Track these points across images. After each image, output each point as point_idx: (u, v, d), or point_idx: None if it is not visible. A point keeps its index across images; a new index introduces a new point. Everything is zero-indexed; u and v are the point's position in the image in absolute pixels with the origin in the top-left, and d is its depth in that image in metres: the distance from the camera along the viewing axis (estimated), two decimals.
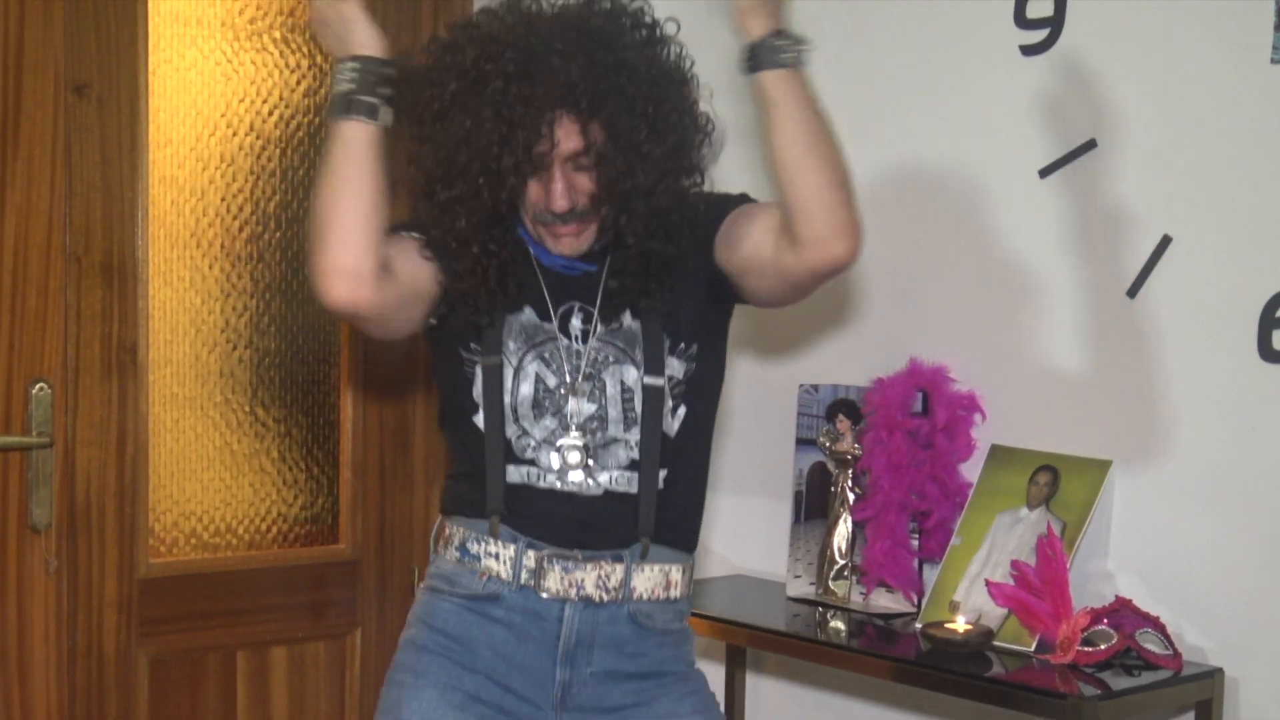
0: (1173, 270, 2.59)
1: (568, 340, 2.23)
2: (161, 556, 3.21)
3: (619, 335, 2.23)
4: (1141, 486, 2.63)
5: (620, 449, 2.22)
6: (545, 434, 2.21)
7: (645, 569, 2.22)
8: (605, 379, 2.22)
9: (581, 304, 2.24)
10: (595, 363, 2.22)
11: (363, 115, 2.11)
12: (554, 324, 2.23)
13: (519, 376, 2.21)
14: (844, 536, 2.92)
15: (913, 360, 2.87)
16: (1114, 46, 2.65)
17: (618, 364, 2.22)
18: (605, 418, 2.21)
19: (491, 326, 2.22)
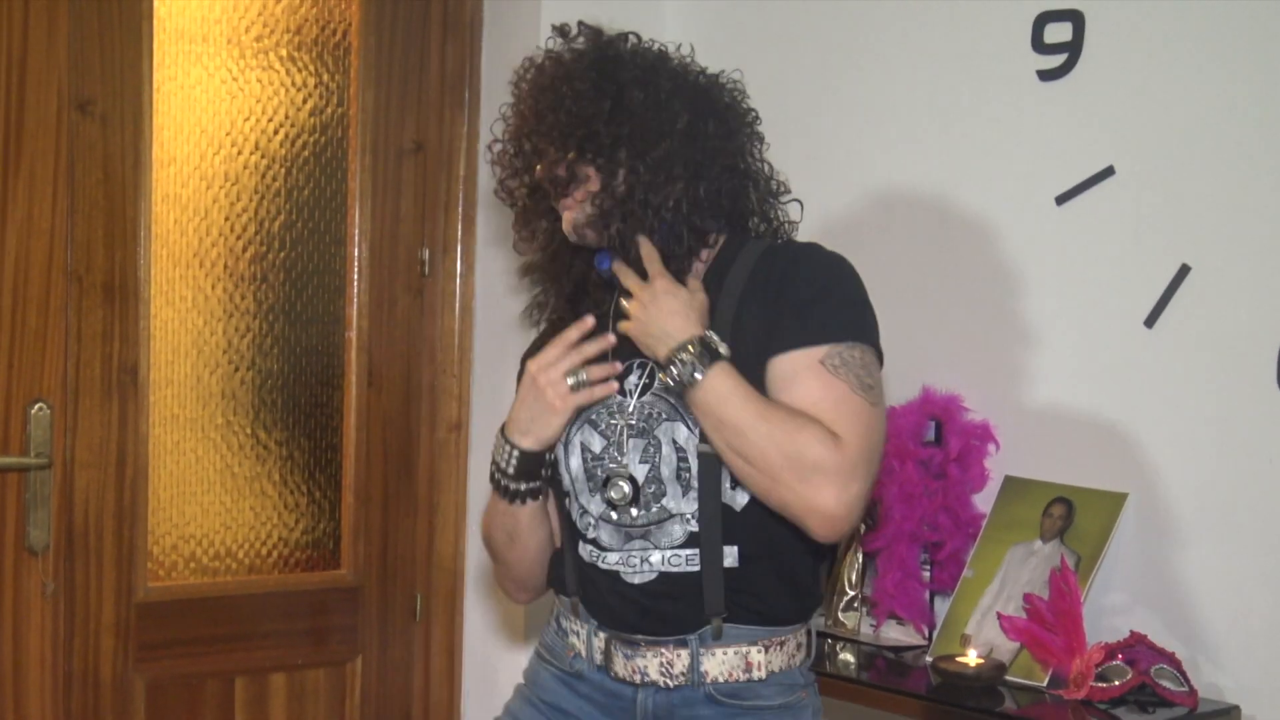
0: (1191, 300, 2.56)
1: (621, 397, 2.14)
2: (160, 580, 3.19)
3: (673, 391, 2.10)
4: (1158, 520, 2.60)
5: (675, 524, 2.10)
6: (601, 510, 2.14)
7: (717, 653, 2.10)
8: (659, 436, 2.12)
9: (641, 359, 2.13)
10: (648, 418, 2.13)
11: (514, 501, 2.20)
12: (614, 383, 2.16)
13: (568, 451, 2.17)
14: (854, 567, 2.89)
15: (925, 389, 2.85)
16: (1132, 72, 2.63)
17: (670, 421, 2.11)
18: (659, 479, 2.11)
19: None
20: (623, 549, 2.13)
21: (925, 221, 2.94)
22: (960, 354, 2.88)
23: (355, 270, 3.37)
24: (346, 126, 3.35)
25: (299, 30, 3.29)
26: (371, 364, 3.38)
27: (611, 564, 2.13)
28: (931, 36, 2.93)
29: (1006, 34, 2.79)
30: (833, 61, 3.12)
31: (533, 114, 2.14)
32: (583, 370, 2.11)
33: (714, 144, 2.13)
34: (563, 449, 2.17)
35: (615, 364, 2.12)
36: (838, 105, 3.11)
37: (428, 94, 3.42)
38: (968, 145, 2.87)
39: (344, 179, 3.36)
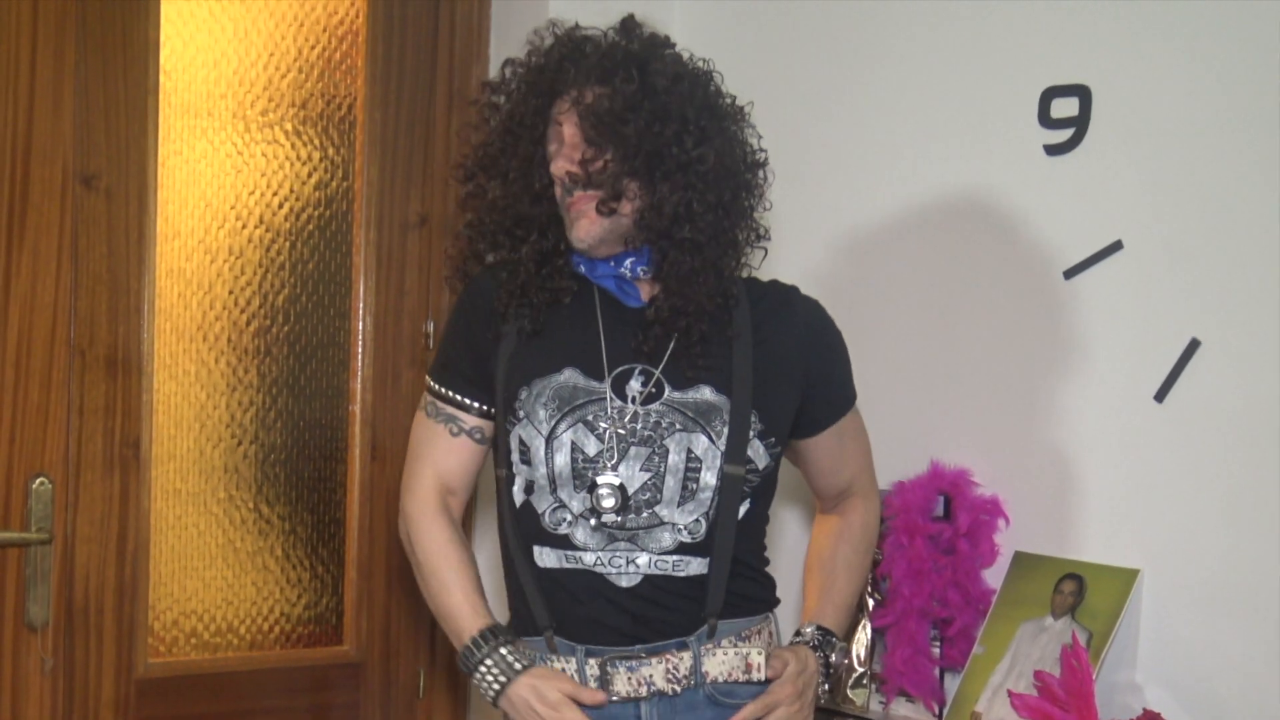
0: (1201, 374, 2.55)
1: (621, 402, 2.17)
2: (161, 656, 3.15)
3: (691, 405, 2.18)
4: (1170, 596, 2.57)
5: (665, 533, 2.18)
6: (582, 509, 2.17)
7: (717, 653, 2.19)
8: (668, 445, 2.16)
9: (645, 367, 2.19)
10: (655, 426, 2.17)
11: None
12: (605, 384, 2.19)
13: (553, 448, 2.17)
14: (863, 643, 2.87)
15: (934, 463, 2.83)
16: (1140, 147, 2.63)
17: (686, 432, 2.18)
18: (660, 487, 2.16)
19: (525, 387, 2.21)
20: (605, 549, 2.16)
21: (933, 295, 2.93)
22: (969, 428, 2.86)
23: (359, 344, 3.36)
24: (351, 200, 3.35)
25: (304, 104, 3.29)
26: (375, 438, 3.36)
27: (589, 564, 2.16)
28: (938, 111, 2.93)
29: (1013, 108, 2.79)
30: (840, 135, 3.12)
31: (592, 97, 2.16)
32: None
33: (743, 179, 2.23)
34: (544, 445, 2.17)
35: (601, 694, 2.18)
36: (845, 178, 3.11)
37: (433, 167, 3.42)
38: (975, 219, 2.86)
39: (349, 253, 3.35)
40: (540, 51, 2.23)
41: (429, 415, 2.34)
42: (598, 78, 2.16)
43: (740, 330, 2.25)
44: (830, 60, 3.15)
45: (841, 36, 3.13)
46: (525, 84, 2.22)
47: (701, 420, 2.18)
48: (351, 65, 3.34)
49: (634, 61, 2.17)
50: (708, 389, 2.21)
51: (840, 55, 3.13)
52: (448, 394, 2.31)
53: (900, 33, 3.01)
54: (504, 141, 2.23)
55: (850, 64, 3.11)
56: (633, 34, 2.23)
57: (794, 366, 2.29)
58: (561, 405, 2.18)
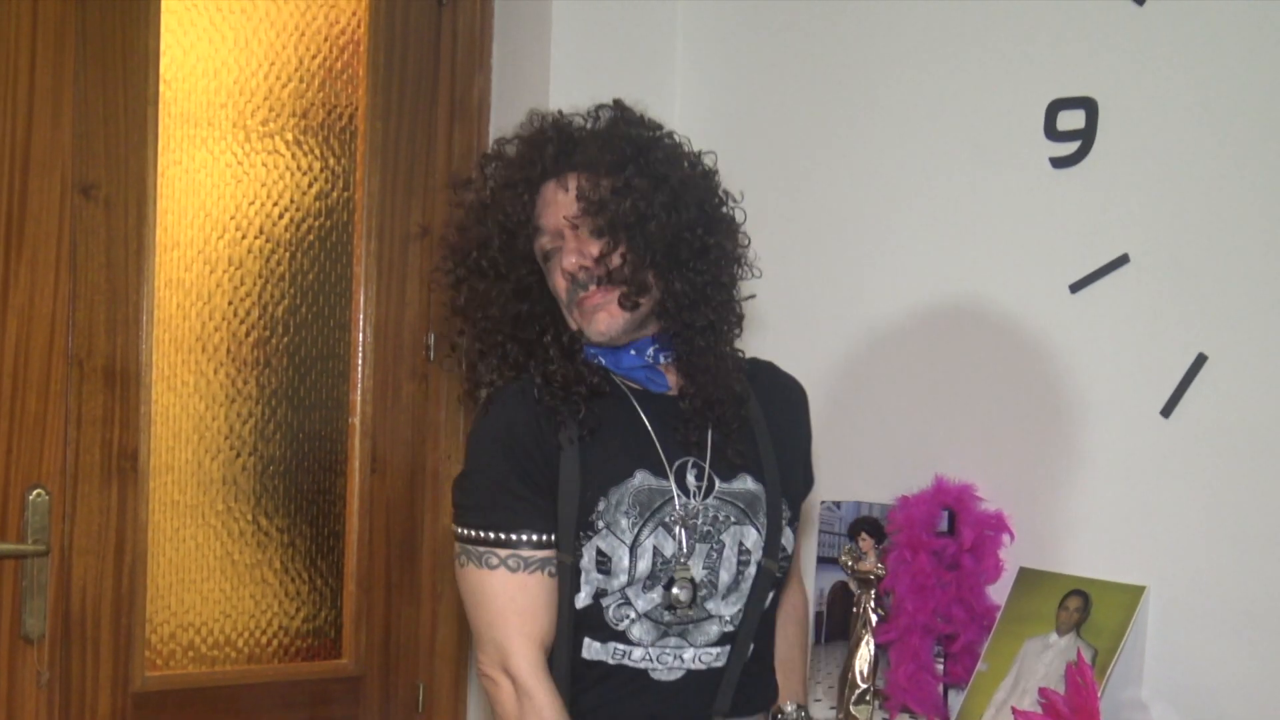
0: (1208, 389, 2.53)
1: (685, 498, 2.16)
2: (158, 669, 3.14)
3: (740, 496, 2.20)
4: (1177, 613, 2.55)
5: (713, 625, 2.18)
6: (649, 607, 2.15)
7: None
8: (725, 539, 2.17)
9: (695, 459, 2.18)
10: (713, 521, 2.17)
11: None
12: (670, 481, 2.17)
13: (635, 554, 2.14)
14: (866, 659, 2.84)
15: (938, 478, 2.81)
16: (1146, 159, 2.61)
17: (739, 525, 2.19)
18: (714, 583, 2.16)
19: (603, 497, 2.16)
20: (655, 645, 2.14)
21: (937, 309, 2.92)
22: (974, 443, 2.84)
23: (359, 355, 3.34)
24: (352, 211, 3.34)
25: (305, 114, 3.28)
26: (375, 450, 3.35)
27: (637, 660, 2.14)
28: (944, 124, 2.92)
29: (1019, 121, 2.78)
30: (843, 148, 3.12)
31: (600, 189, 2.12)
32: None
33: (741, 258, 2.26)
34: (628, 551, 2.13)
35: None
36: (848, 194, 3.10)
37: (434, 178, 3.41)
38: (981, 232, 2.85)
39: (349, 263, 3.34)
40: (527, 141, 2.19)
41: (510, 569, 2.14)
42: (605, 169, 2.11)
43: (756, 415, 2.27)
44: (836, 71, 3.14)
45: (847, 47, 3.13)
46: (514, 177, 2.17)
47: (750, 512, 2.20)
48: (353, 75, 3.33)
49: (640, 150, 2.14)
50: (749, 477, 2.23)
51: (846, 66, 3.13)
52: (528, 538, 2.13)
53: (906, 44, 3.00)
54: (501, 241, 2.16)
55: (856, 75, 3.11)
56: (629, 119, 2.20)
57: (798, 447, 2.36)
58: (643, 511, 2.15)
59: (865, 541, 2.88)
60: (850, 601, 2.90)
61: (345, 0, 3.32)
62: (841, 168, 3.12)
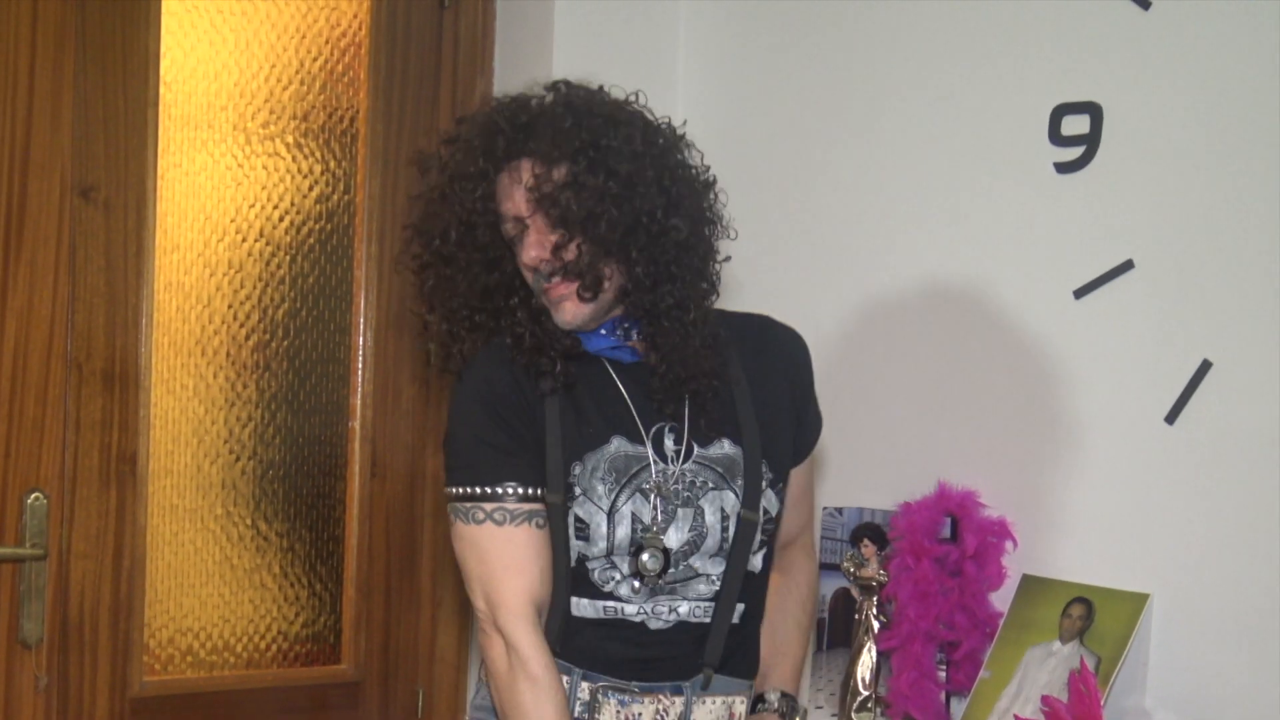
0: (1213, 396, 2.52)
1: (663, 464, 2.16)
2: (156, 674, 3.13)
3: (718, 461, 2.19)
4: (1181, 621, 2.54)
5: (701, 583, 2.18)
6: (633, 569, 2.15)
7: (707, 701, 2.19)
8: (704, 505, 2.17)
9: (672, 424, 2.18)
10: (691, 486, 2.17)
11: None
12: (647, 447, 2.17)
13: (613, 520, 2.14)
14: (868, 666, 2.83)
15: (941, 484, 2.80)
16: (1152, 165, 2.60)
17: (717, 490, 2.18)
18: (699, 546, 2.16)
19: (578, 462, 2.15)
20: (648, 602, 2.15)
21: (941, 315, 2.91)
22: (977, 449, 2.83)
23: (360, 359, 3.33)
24: (353, 214, 3.33)
25: (306, 117, 3.27)
26: (375, 454, 3.34)
27: (631, 614, 2.15)
28: (948, 128, 2.91)
29: (1024, 126, 2.77)
30: (846, 153, 3.11)
31: (551, 181, 2.08)
32: None
33: (710, 236, 2.22)
34: (606, 518, 2.13)
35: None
36: (852, 198, 3.09)
37: None
38: (985, 238, 2.84)
39: (350, 267, 3.33)
40: (481, 127, 2.16)
41: (497, 522, 2.12)
42: (557, 157, 2.08)
43: (738, 376, 2.25)
44: (839, 75, 3.13)
45: (850, 52, 3.12)
46: (467, 169, 2.14)
47: (728, 476, 2.19)
48: (354, 77, 3.32)
49: (593, 138, 2.10)
50: (727, 441, 2.21)
51: (849, 71, 3.12)
52: (513, 490, 2.12)
53: (910, 49, 2.99)
54: (459, 233, 2.15)
55: (859, 80, 3.10)
56: (579, 101, 2.16)
57: (786, 404, 2.31)
58: (619, 477, 2.14)
59: (867, 548, 2.87)
60: (852, 608, 2.89)
61: (346, 2, 3.31)
62: (844, 172, 3.11)
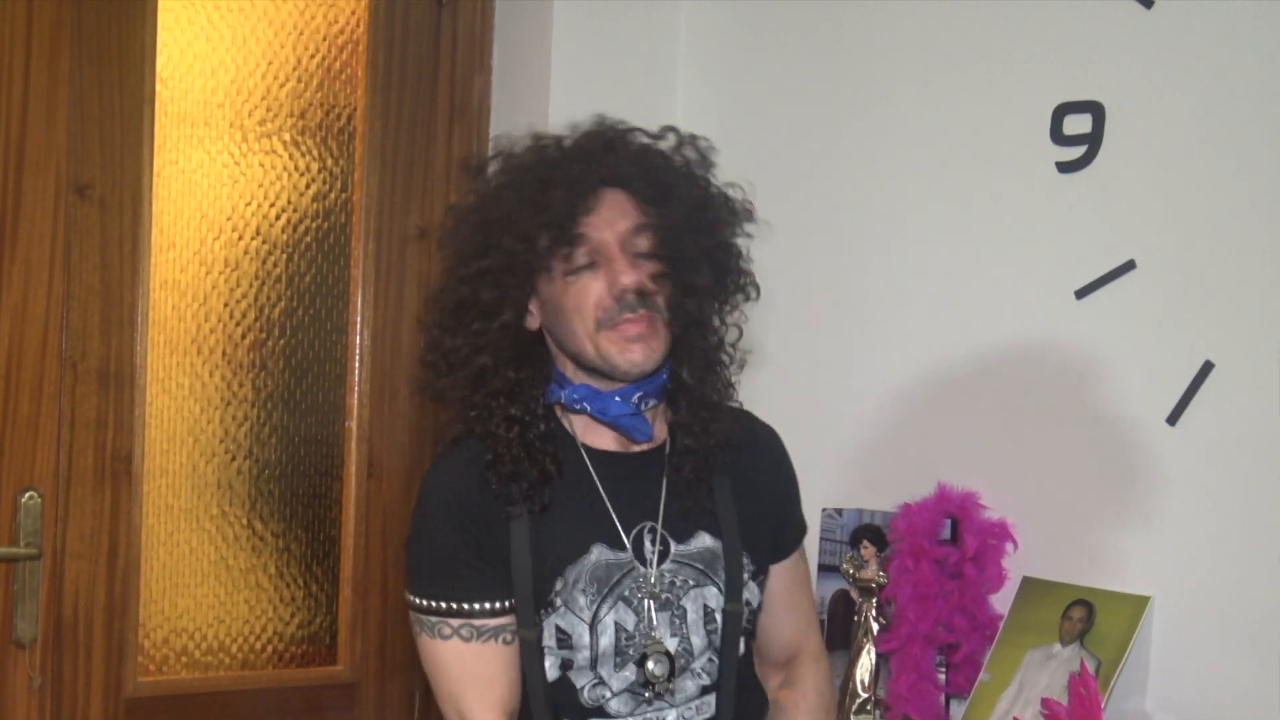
0: (1215, 397, 2.50)
1: (643, 568, 2.10)
2: (151, 675, 3.12)
3: (697, 557, 2.13)
4: (1182, 624, 2.53)
5: (689, 680, 2.12)
6: (626, 684, 2.09)
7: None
8: (685, 605, 2.11)
9: (651, 524, 2.11)
10: (670, 586, 2.11)
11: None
12: (629, 553, 2.11)
13: (596, 631, 2.08)
14: (867, 669, 2.83)
15: (941, 485, 2.79)
16: (1154, 164, 2.59)
17: (699, 587, 2.12)
18: (690, 650, 2.11)
19: (560, 577, 2.09)
20: (634, 713, 2.09)
21: (941, 315, 2.90)
22: (977, 450, 2.82)
23: (356, 358, 3.32)
24: (350, 212, 3.31)
25: (303, 114, 3.26)
26: (372, 454, 3.32)
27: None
28: (949, 128, 2.90)
29: (1025, 125, 2.76)
30: (847, 154, 3.10)
31: (680, 222, 2.06)
32: None
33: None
34: (588, 630, 2.08)
35: None
36: (852, 197, 3.08)
37: (433, 179, 3.39)
38: (986, 237, 2.83)
39: (346, 265, 3.31)
40: (591, 136, 2.09)
41: (464, 639, 2.08)
42: (682, 199, 2.06)
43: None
44: (839, 76, 3.13)
45: (851, 52, 3.11)
46: (573, 173, 2.04)
47: (709, 571, 2.13)
48: (351, 75, 3.31)
49: (718, 195, 2.11)
50: (706, 535, 2.15)
51: (849, 71, 3.11)
52: (480, 607, 2.07)
53: (911, 49, 2.99)
54: (547, 241, 2.03)
55: (860, 81, 3.09)
56: (699, 153, 2.13)
57: (767, 499, 2.24)
58: (601, 588, 2.08)
59: (867, 549, 2.87)
60: (851, 610, 2.88)
61: (344, 0, 3.30)
62: (845, 173, 3.10)
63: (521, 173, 2.07)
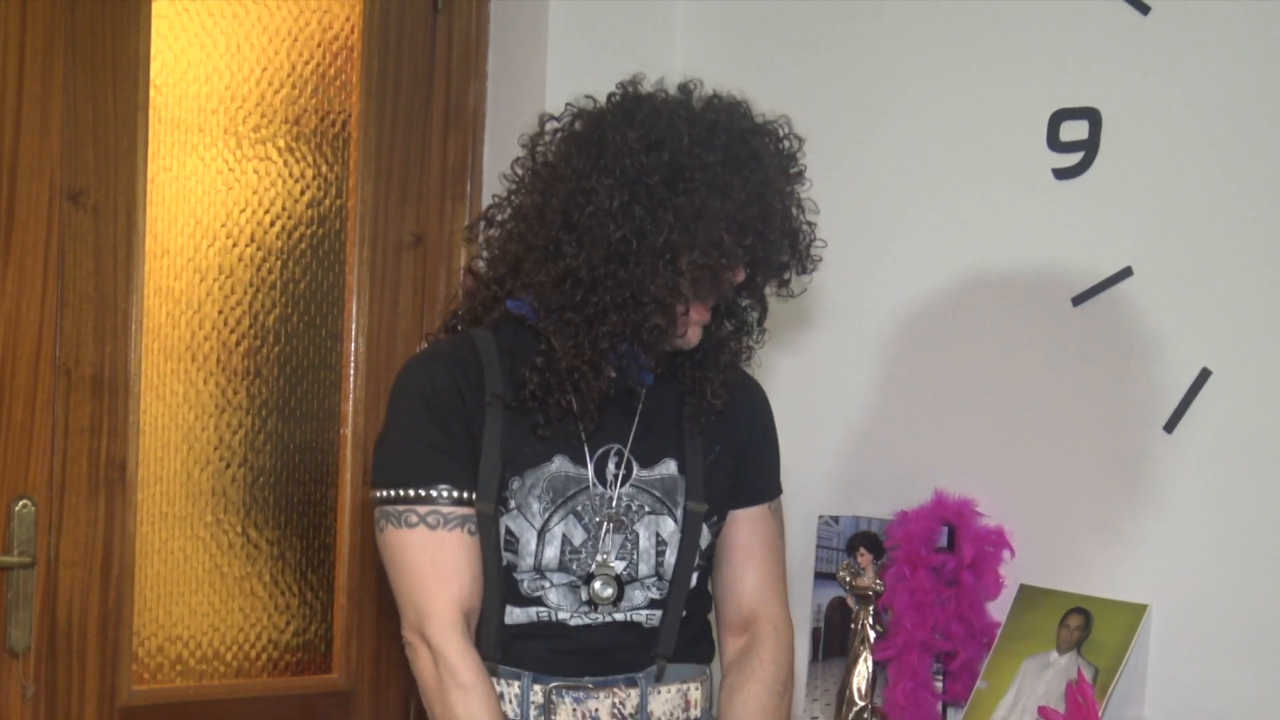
0: (1212, 404, 2.50)
1: (601, 488, 2.13)
2: (145, 683, 3.10)
3: (656, 484, 2.17)
4: (1180, 633, 2.52)
5: (638, 590, 2.16)
6: (566, 581, 2.13)
7: (662, 691, 2.18)
8: (639, 530, 2.15)
9: (619, 446, 2.15)
10: (626, 510, 2.15)
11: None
12: (589, 469, 2.14)
13: (544, 539, 2.11)
14: (864, 677, 2.82)
15: (938, 492, 2.78)
16: (1151, 171, 2.58)
17: (654, 514, 2.16)
18: (635, 575, 2.15)
19: (518, 477, 2.12)
20: (579, 609, 2.13)
21: (938, 321, 2.89)
22: (974, 457, 2.82)
23: (352, 366, 3.31)
24: (345, 218, 3.30)
25: (298, 121, 3.25)
26: (367, 462, 3.29)
27: (564, 619, 2.13)
28: (946, 133, 2.89)
29: (1021, 132, 2.75)
30: (844, 160, 3.09)
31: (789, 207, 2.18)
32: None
33: None
34: (536, 536, 2.11)
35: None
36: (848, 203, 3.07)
37: (428, 186, 3.38)
38: (982, 244, 2.82)
39: (341, 272, 3.30)
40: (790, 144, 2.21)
41: (430, 526, 2.08)
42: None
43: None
44: (836, 84, 3.12)
45: (850, 57, 3.10)
46: (789, 168, 2.21)
47: (667, 500, 2.17)
48: (346, 81, 3.30)
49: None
50: (672, 463, 2.19)
51: (846, 78, 3.10)
52: (448, 493, 2.08)
53: (907, 54, 2.98)
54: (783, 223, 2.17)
55: (857, 87, 3.08)
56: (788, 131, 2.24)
57: (732, 442, 2.26)
58: (555, 498, 2.12)
59: (864, 557, 2.86)
60: (848, 618, 2.88)
61: (339, 5, 3.29)
62: (842, 179, 3.09)
63: (754, 166, 2.10)
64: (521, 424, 2.12)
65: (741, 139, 2.09)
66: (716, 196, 2.03)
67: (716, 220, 2.03)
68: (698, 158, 2.04)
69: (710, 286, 2.07)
